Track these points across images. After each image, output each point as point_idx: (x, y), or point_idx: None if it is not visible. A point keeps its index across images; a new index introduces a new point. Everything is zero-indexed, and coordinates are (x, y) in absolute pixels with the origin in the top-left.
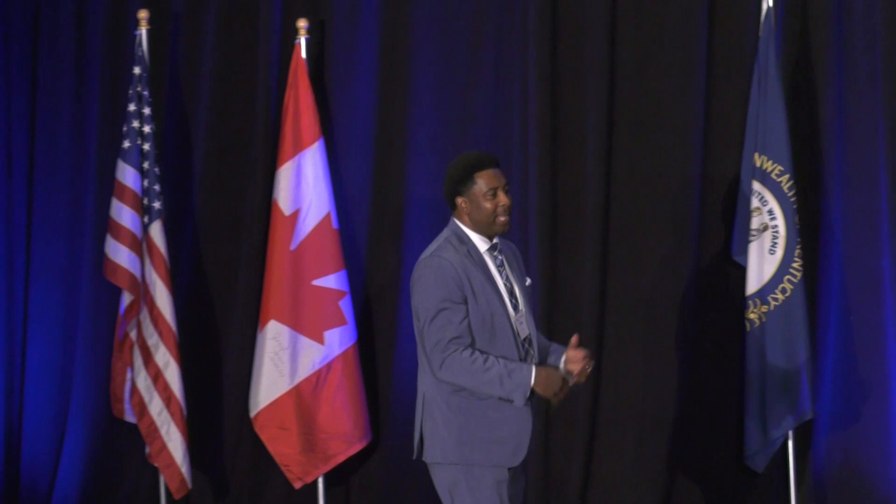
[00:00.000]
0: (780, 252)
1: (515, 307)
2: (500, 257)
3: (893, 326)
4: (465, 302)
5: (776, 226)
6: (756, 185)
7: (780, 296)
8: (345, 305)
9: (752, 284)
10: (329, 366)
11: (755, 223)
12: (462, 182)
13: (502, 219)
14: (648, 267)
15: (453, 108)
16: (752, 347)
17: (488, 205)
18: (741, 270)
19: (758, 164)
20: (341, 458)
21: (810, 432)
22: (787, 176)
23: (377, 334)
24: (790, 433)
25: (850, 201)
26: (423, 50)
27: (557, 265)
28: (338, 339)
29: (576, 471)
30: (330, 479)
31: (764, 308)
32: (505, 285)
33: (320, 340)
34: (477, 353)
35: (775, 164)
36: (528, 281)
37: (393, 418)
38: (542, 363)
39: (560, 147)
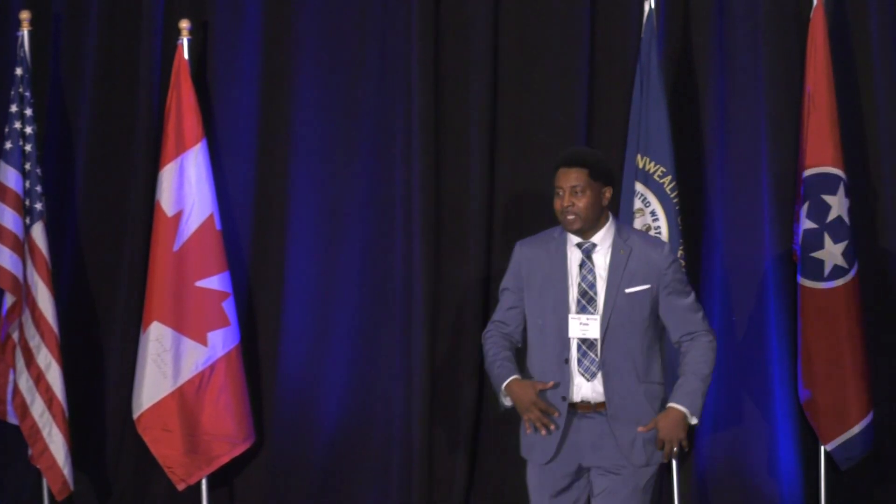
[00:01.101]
0: None
1: (584, 308)
2: (582, 257)
3: (776, 326)
4: (521, 291)
5: (659, 227)
6: (639, 187)
7: None
8: (228, 307)
9: None
10: (212, 367)
11: (638, 224)
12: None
13: (566, 217)
14: None
15: (337, 107)
16: None
17: (555, 203)
18: None
19: (640, 165)
20: (225, 460)
21: (693, 432)
22: (669, 177)
23: (260, 335)
24: None
25: (733, 202)
26: (306, 49)
27: (441, 263)
28: (221, 341)
29: (460, 470)
30: (213, 480)
31: None
32: (580, 284)
33: (203, 342)
34: (494, 342)
35: (658, 166)
36: (643, 288)
37: (277, 419)
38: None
39: (443, 146)
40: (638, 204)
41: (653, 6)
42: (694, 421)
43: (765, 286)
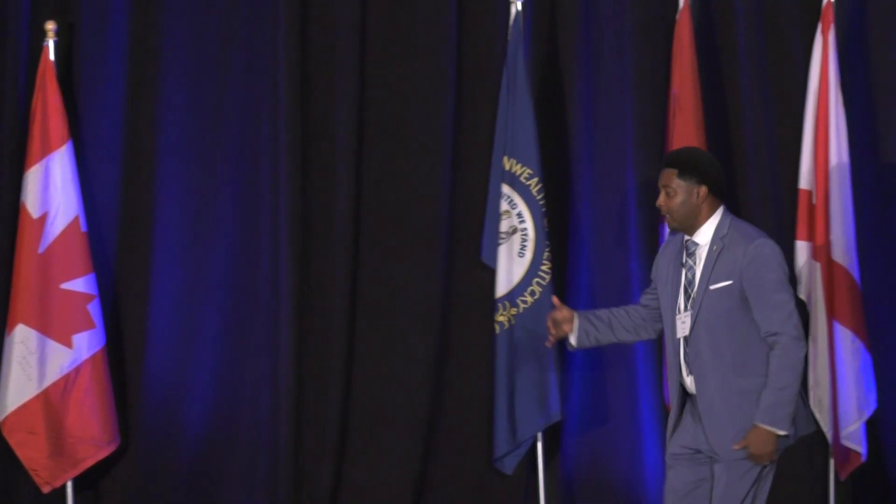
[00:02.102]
0: (529, 255)
1: (684, 307)
2: (685, 256)
3: None
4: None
5: (525, 229)
6: (505, 189)
7: (529, 298)
8: (93, 309)
9: (502, 287)
10: (77, 370)
11: (504, 226)
12: None
13: (663, 217)
14: (399, 268)
15: (204, 108)
16: (502, 350)
17: None
18: (491, 273)
19: (507, 167)
20: (90, 463)
21: (559, 433)
22: (535, 179)
23: (126, 337)
24: (539, 434)
25: (599, 204)
26: (172, 51)
27: (308, 266)
28: (86, 343)
29: (327, 472)
30: (79, 483)
31: (513, 310)
32: (683, 283)
33: (68, 344)
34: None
35: (524, 168)
36: (726, 284)
37: (143, 421)
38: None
39: (311, 148)
40: (505, 206)
41: (519, 8)
42: (782, 432)
43: (631, 287)
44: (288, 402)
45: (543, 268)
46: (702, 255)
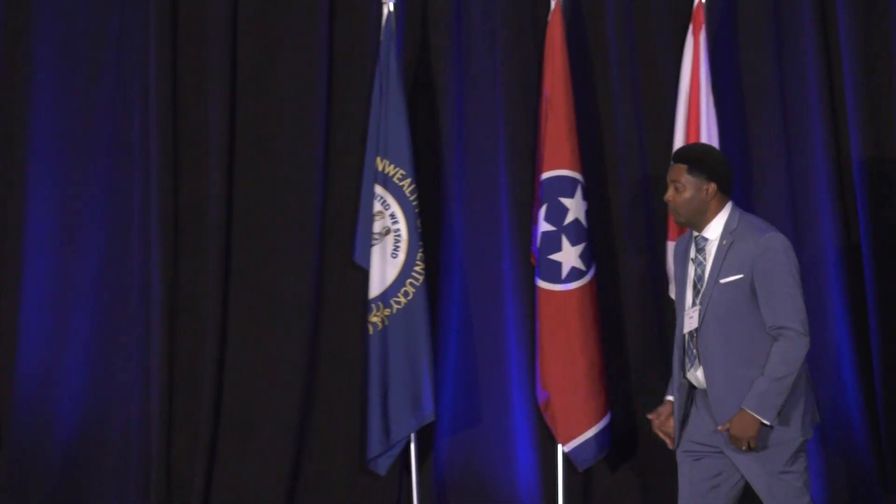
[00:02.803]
0: (402, 256)
1: (693, 301)
2: (695, 252)
3: (514, 328)
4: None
5: (398, 230)
6: (378, 189)
7: (402, 299)
8: None
9: (375, 288)
10: None
11: (377, 227)
12: None
13: (671, 212)
14: (271, 269)
15: (75, 109)
16: (375, 350)
17: None
18: (364, 274)
19: (380, 167)
20: None
21: (432, 434)
22: (409, 180)
23: None
24: (412, 435)
25: (472, 205)
26: (43, 51)
27: (179, 266)
28: None
29: (199, 472)
30: None
31: (386, 311)
32: (692, 278)
33: None
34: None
35: (397, 168)
36: (737, 277)
37: (13, 422)
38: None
39: (182, 147)
40: (378, 206)
41: (392, 9)
42: (767, 421)
43: (503, 288)
44: (160, 403)
45: (417, 268)
46: (711, 250)
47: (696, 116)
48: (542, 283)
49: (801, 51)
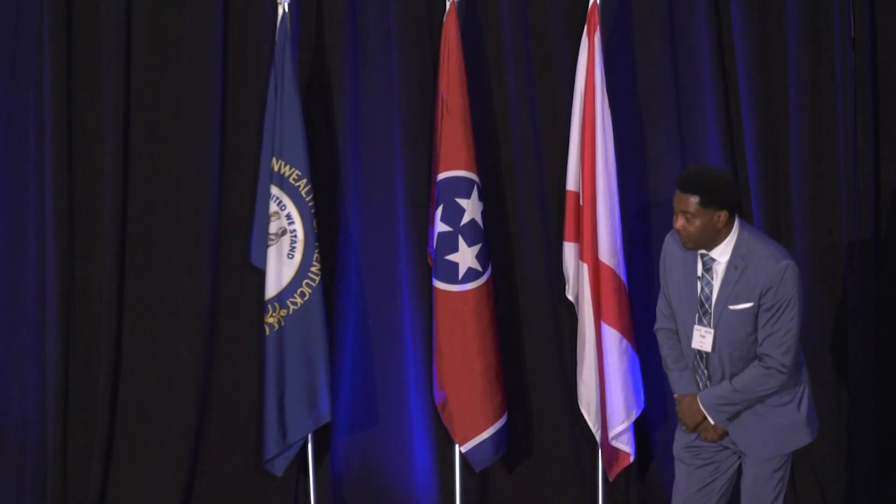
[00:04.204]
0: (298, 256)
1: (700, 320)
2: (701, 270)
3: (411, 328)
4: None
5: (294, 230)
6: (274, 190)
7: (298, 300)
8: None
9: (271, 289)
10: None
11: (274, 228)
12: None
13: (681, 239)
14: (167, 270)
15: None
16: (272, 351)
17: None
18: (260, 274)
19: (276, 168)
20: None
21: (329, 435)
22: (304, 181)
23: None
24: (309, 436)
25: (368, 206)
26: None
27: (74, 267)
28: None
29: (94, 474)
30: None
31: (283, 312)
32: (699, 296)
33: None
34: (665, 341)
35: (293, 169)
36: (747, 306)
37: None
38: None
39: (77, 148)
40: (273, 207)
41: (286, 9)
42: (712, 422)
43: (400, 289)
44: (55, 404)
45: (313, 269)
46: (719, 270)
47: (591, 117)
48: (438, 284)
49: (695, 51)
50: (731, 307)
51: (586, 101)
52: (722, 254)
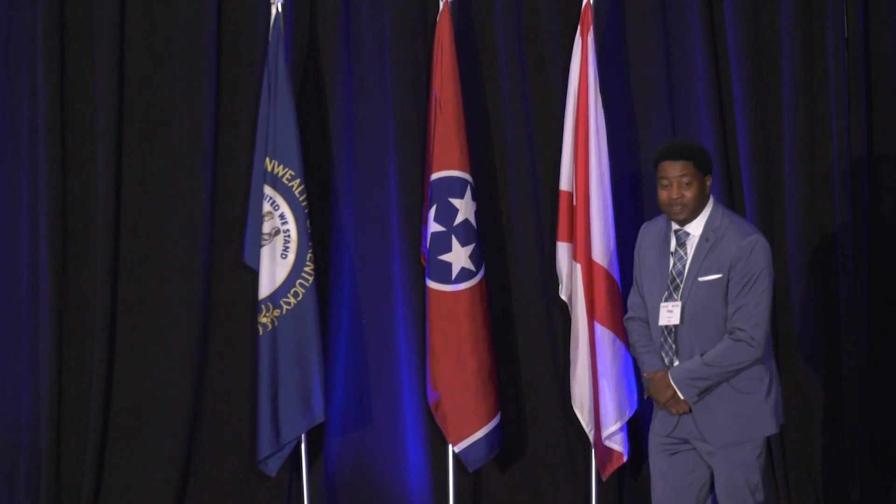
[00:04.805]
0: (291, 256)
1: (670, 296)
2: (675, 245)
3: (405, 328)
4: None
5: (288, 230)
6: (268, 190)
7: (292, 300)
8: None
9: (265, 288)
10: None
11: (267, 227)
12: (654, 168)
13: (673, 209)
14: (160, 269)
15: None
16: (265, 352)
17: (661, 194)
18: (253, 274)
19: (269, 168)
20: None
21: (323, 435)
22: (298, 180)
23: None
24: (303, 436)
25: (362, 205)
26: None
27: (68, 267)
28: None
29: (88, 475)
30: None
31: (276, 312)
32: (671, 272)
33: None
34: (634, 329)
35: (286, 169)
36: (716, 277)
37: None
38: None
39: (70, 147)
40: (267, 207)
41: (280, 9)
42: (683, 396)
43: (393, 289)
44: (48, 404)
45: (307, 269)
46: (692, 244)
47: (584, 117)
48: (432, 284)
49: (688, 51)
50: (701, 279)
51: (580, 101)
52: (696, 228)
